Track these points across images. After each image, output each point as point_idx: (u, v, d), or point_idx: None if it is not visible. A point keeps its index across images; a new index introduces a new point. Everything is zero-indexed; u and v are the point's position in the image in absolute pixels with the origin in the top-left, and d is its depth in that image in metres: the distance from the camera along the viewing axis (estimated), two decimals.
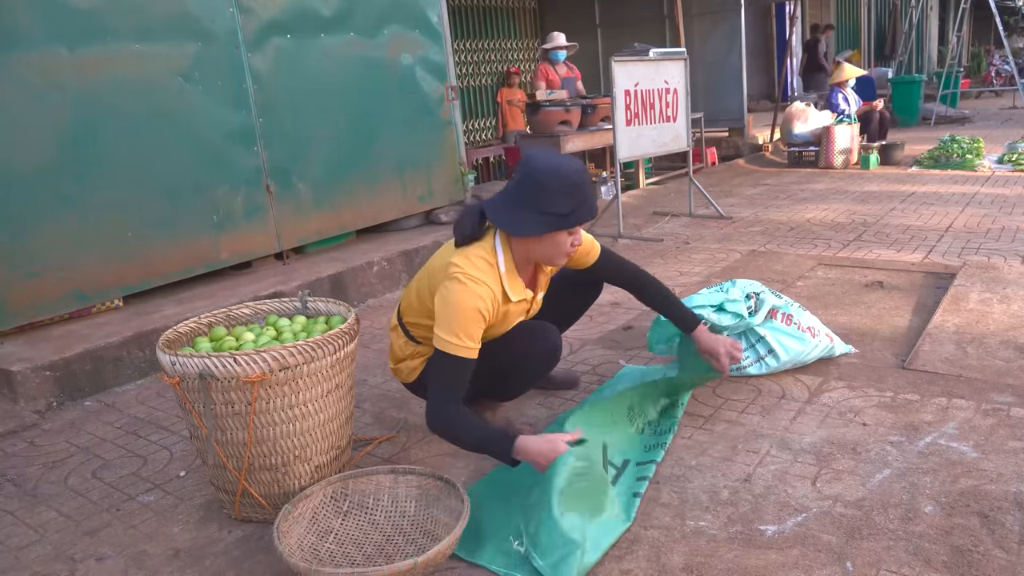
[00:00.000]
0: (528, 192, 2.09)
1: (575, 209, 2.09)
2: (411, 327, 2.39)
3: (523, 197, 2.10)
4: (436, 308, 2.10)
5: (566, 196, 2.07)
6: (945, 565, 1.75)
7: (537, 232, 2.11)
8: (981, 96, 17.50)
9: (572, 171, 2.10)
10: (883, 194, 6.55)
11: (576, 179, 2.09)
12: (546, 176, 2.07)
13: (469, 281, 2.08)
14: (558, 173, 2.07)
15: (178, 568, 2.00)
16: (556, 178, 2.07)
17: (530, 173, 2.09)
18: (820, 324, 2.98)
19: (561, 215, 2.08)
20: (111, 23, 3.61)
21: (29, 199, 3.39)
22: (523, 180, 2.11)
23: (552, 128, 6.15)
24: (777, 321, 2.87)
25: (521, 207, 2.10)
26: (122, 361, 3.38)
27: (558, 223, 2.10)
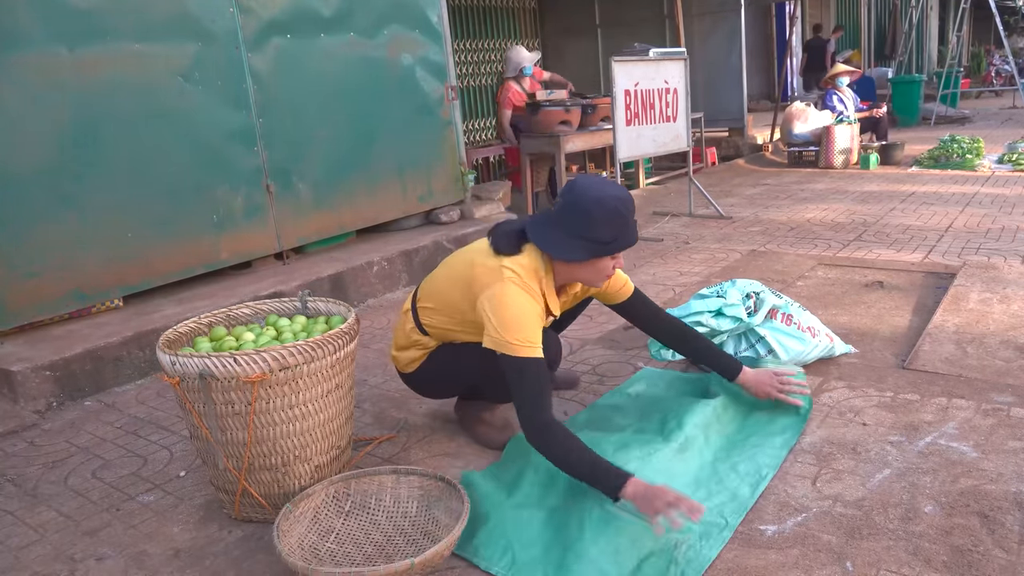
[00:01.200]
0: (573, 218, 2.12)
1: (618, 237, 2.12)
2: (423, 312, 2.38)
3: (568, 223, 2.12)
4: (490, 312, 2.07)
5: (610, 225, 2.10)
6: (945, 565, 1.75)
7: (580, 258, 2.14)
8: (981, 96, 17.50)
9: (617, 200, 2.12)
10: (883, 194, 6.55)
11: (620, 208, 2.12)
12: (592, 204, 2.10)
13: (522, 290, 2.10)
14: (603, 202, 2.10)
15: (178, 568, 2.00)
16: (601, 207, 2.09)
17: (576, 200, 2.12)
18: (820, 324, 2.98)
19: (604, 243, 2.12)
20: (111, 23, 3.61)
21: (29, 199, 3.39)
22: (568, 206, 2.13)
23: (552, 128, 6.15)
24: (777, 321, 2.87)
25: (565, 232, 2.12)
26: (122, 361, 3.38)
27: (600, 250, 2.13)
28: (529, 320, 2.07)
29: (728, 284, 3.02)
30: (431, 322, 2.36)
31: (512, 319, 2.04)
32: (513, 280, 2.10)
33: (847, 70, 8.97)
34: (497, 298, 2.08)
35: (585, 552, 1.83)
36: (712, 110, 9.27)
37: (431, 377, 2.47)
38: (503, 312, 2.05)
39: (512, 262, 2.14)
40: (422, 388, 2.57)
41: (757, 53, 13.24)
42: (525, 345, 2.03)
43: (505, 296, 2.07)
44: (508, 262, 2.14)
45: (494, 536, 1.97)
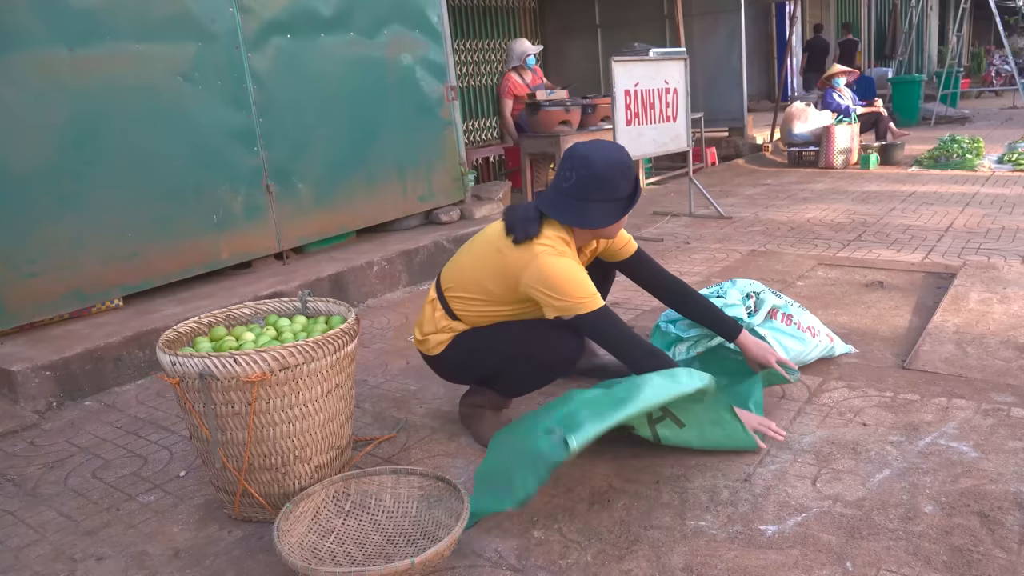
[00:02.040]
0: (595, 187, 2.25)
1: (635, 185, 2.32)
2: (454, 300, 2.43)
3: (587, 193, 2.26)
4: (542, 286, 2.20)
5: (626, 178, 2.29)
6: (945, 565, 1.75)
7: (612, 220, 2.30)
8: (981, 96, 17.51)
9: (623, 155, 2.31)
10: (883, 194, 6.55)
11: (628, 161, 2.31)
12: (607, 169, 2.25)
13: (559, 254, 2.24)
14: (615, 161, 2.27)
15: (178, 568, 2.00)
16: (616, 168, 2.27)
17: (590, 170, 2.25)
18: (820, 324, 2.98)
19: (627, 197, 2.31)
20: (111, 23, 3.61)
21: (29, 199, 3.39)
22: (584, 178, 2.25)
23: (552, 128, 6.15)
24: (777, 321, 2.87)
25: (587, 202, 2.26)
26: (122, 361, 3.38)
27: (628, 205, 2.32)
28: (580, 277, 2.22)
29: (728, 284, 3.02)
30: (465, 309, 2.41)
31: (565, 282, 2.19)
32: (548, 252, 2.23)
33: (843, 70, 8.99)
34: (543, 271, 2.20)
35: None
36: (712, 110, 9.27)
37: (455, 360, 2.48)
38: (554, 280, 2.19)
39: (542, 240, 2.26)
40: (444, 371, 2.57)
41: (757, 53, 13.25)
42: (588, 299, 2.20)
43: (549, 267, 2.20)
44: (540, 241, 2.25)
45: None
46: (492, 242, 2.35)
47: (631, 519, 2.04)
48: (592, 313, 2.20)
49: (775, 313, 2.89)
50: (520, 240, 2.26)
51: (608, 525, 2.02)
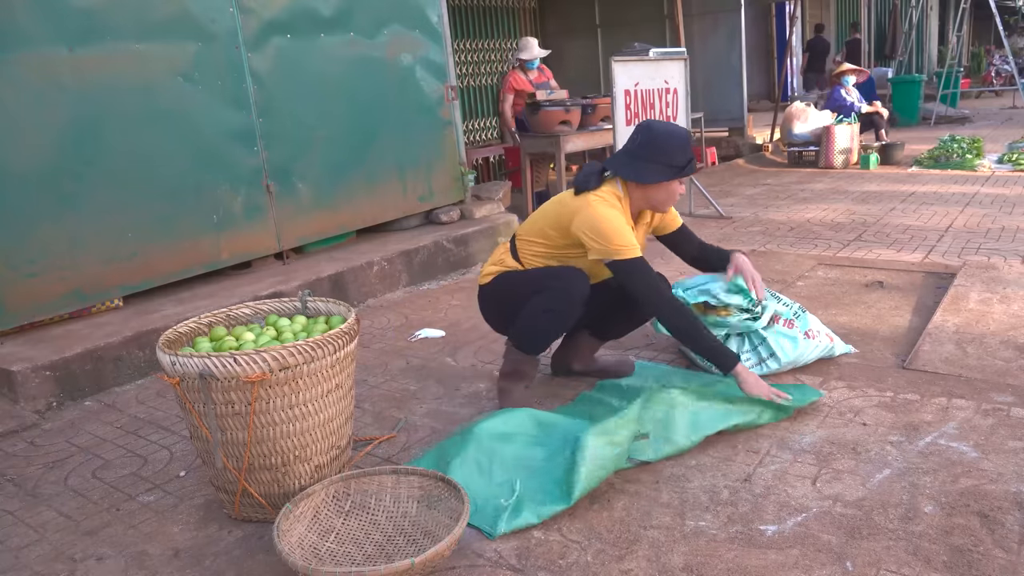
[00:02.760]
0: (653, 150, 2.54)
1: (690, 160, 2.56)
2: (522, 243, 2.72)
3: (648, 154, 2.55)
4: (587, 229, 2.48)
5: (682, 151, 2.55)
6: (945, 565, 1.75)
7: (663, 179, 2.55)
8: (981, 96, 17.50)
9: (685, 131, 2.66)
10: (883, 194, 6.55)
11: (688, 137, 2.64)
12: (667, 136, 2.56)
13: (610, 206, 2.52)
14: (676, 133, 2.59)
15: (178, 568, 2.00)
16: (676, 137, 2.56)
17: (653, 136, 2.56)
18: (820, 325, 2.98)
19: (679, 167, 2.55)
20: (111, 23, 3.61)
21: (29, 199, 3.39)
22: (646, 142, 2.56)
23: (552, 128, 6.14)
24: (779, 325, 2.87)
25: (645, 161, 2.55)
26: (122, 361, 3.38)
27: (677, 173, 2.56)
28: (622, 226, 2.49)
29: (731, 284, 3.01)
30: (527, 250, 2.69)
31: (608, 228, 2.46)
32: (600, 202, 2.52)
33: (854, 68, 9.00)
34: (590, 217, 2.49)
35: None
36: (712, 110, 9.27)
37: (495, 290, 2.75)
38: (599, 225, 2.47)
39: (596, 193, 2.55)
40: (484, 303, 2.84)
41: (757, 53, 13.24)
42: (626, 247, 2.46)
43: (597, 213, 2.49)
44: (593, 194, 2.55)
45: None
46: (560, 198, 2.68)
47: (631, 519, 2.04)
48: (626, 260, 2.46)
49: (777, 319, 2.89)
50: (580, 190, 2.57)
51: (608, 525, 2.02)
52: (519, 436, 2.38)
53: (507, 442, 2.35)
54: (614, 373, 2.95)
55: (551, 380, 3.02)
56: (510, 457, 2.28)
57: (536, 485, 2.15)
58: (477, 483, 2.18)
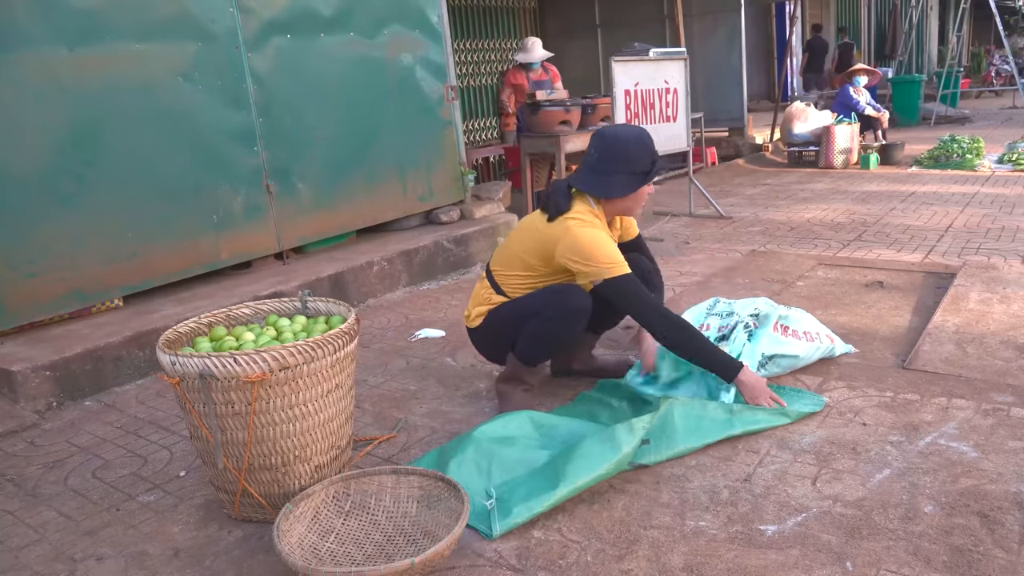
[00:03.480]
0: (611, 161, 2.51)
1: (653, 163, 2.53)
2: (499, 276, 2.68)
3: (608, 167, 2.51)
4: (572, 254, 2.44)
5: (643, 154, 2.51)
6: (945, 565, 1.75)
7: (630, 190, 2.53)
8: (981, 96, 17.51)
9: (643, 134, 2.55)
10: (883, 194, 6.55)
11: (648, 139, 2.55)
12: (624, 142, 2.51)
13: (591, 226, 2.48)
14: (631, 137, 2.52)
15: (178, 568, 2.00)
16: (636, 143, 2.51)
17: (612, 145, 2.52)
18: (820, 326, 2.97)
19: (644, 172, 2.52)
20: (111, 23, 3.61)
21: (29, 199, 3.39)
22: (606, 152, 2.52)
23: (552, 128, 6.14)
24: (778, 334, 2.84)
25: (607, 175, 2.51)
26: (122, 361, 3.38)
27: (643, 179, 2.53)
28: (607, 244, 2.46)
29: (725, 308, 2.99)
30: (509, 284, 2.66)
31: (592, 248, 2.42)
32: (578, 224, 2.47)
33: (866, 69, 9.00)
34: (573, 242, 2.44)
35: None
36: (712, 110, 9.26)
37: (489, 328, 2.71)
38: (582, 247, 2.43)
39: (572, 215, 2.50)
40: (481, 342, 2.80)
41: (757, 53, 13.25)
42: (615, 265, 2.42)
43: (579, 237, 2.44)
44: (570, 216, 2.50)
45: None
46: (532, 223, 2.64)
47: (631, 519, 2.04)
48: (617, 278, 2.41)
49: (775, 326, 2.86)
50: (553, 216, 2.53)
51: (608, 525, 2.02)
52: (519, 439, 2.38)
53: (507, 445, 2.34)
54: (613, 373, 2.95)
55: (551, 380, 3.02)
56: (510, 459, 2.28)
57: (530, 482, 2.14)
58: (476, 484, 2.18)
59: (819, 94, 12.92)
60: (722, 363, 2.47)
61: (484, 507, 2.06)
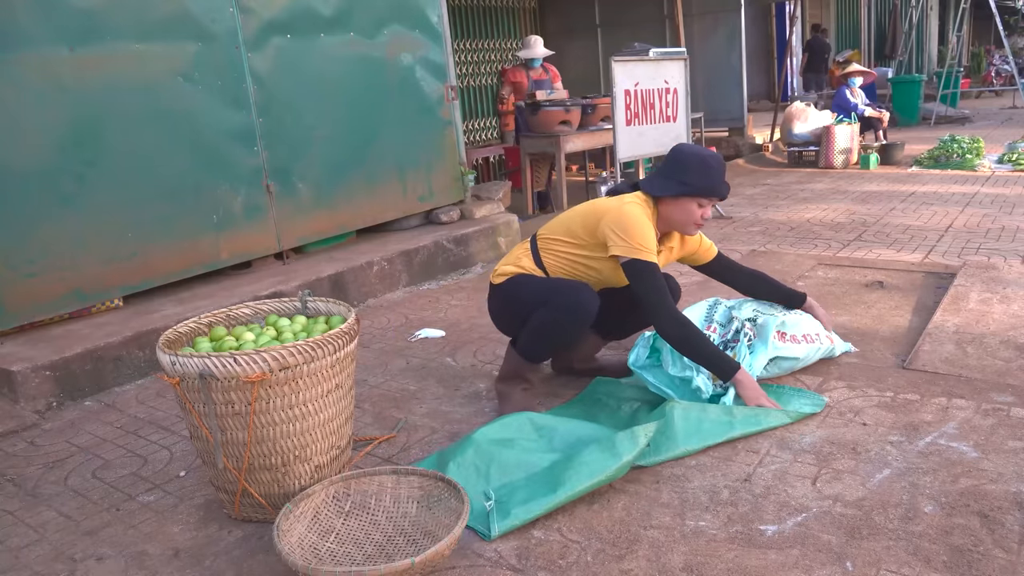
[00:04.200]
0: (671, 166, 2.63)
1: (706, 185, 2.57)
2: (542, 240, 2.73)
3: (666, 170, 2.63)
4: (614, 226, 2.50)
5: (702, 172, 2.57)
6: (945, 565, 1.75)
7: (670, 192, 2.59)
8: (981, 96, 17.51)
9: (708, 155, 2.64)
10: (883, 194, 6.55)
11: (710, 160, 2.61)
12: (687, 155, 2.62)
13: (641, 209, 2.56)
14: (699, 154, 2.63)
15: (178, 568, 2.00)
16: (694, 157, 2.61)
17: (676, 155, 2.64)
18: (819, 326, 2.96)
19: (692, 185, 2.57)
20: (111, 23, 3.61)
21: (29, 199, 3.39)
22: (670, 159, 2.65)
23: (552, 128, 6.15)
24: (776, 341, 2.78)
25: (663, 176, 2.63)
26: (122, 361, 3.38)
27: (688, 190, 2.57)
28: (648, 230, 2.52)
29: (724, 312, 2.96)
30: (548, 248, 2.70)
31: (634, 228, 2.48)
32: (631, 203, 2.56)
33: (861, 70, 9.00)
34: (619, 215, 2.52)
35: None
36: (712, 110, 9.27)
37: (506, 292, 2.73)
38: (626, 223, 2.50)
39: (631, 197, 2.62)
40: (494, 304, 2.82)
41: (757, 53, 13.25)
42: (645, 249, 2.48)
43: (627, 212, 2.52)
44: (628, 197, 2.62)
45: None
46: (594, 201, 2.73)
47: (631, 519, 2.04)
48: (642, 261, 2.47)
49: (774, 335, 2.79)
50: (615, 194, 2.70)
51: (608, 525, 2.02)
52: (518, 441, 2.38)
53: (506, 447, 2.34)
54: (614, 373, 2.95)
55: (552, 379, 3.02)
56: (509, 462, 2.27)
57: (529, 486, 2.14)
58: (475, 486, 2.18)
59: (819, 94, 12.92)
60: (721, 362, 2.50)
61: (483, 508, 2.06)
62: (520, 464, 2.27)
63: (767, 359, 2.73)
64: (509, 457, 2.29)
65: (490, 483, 2.20)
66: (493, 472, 2.24)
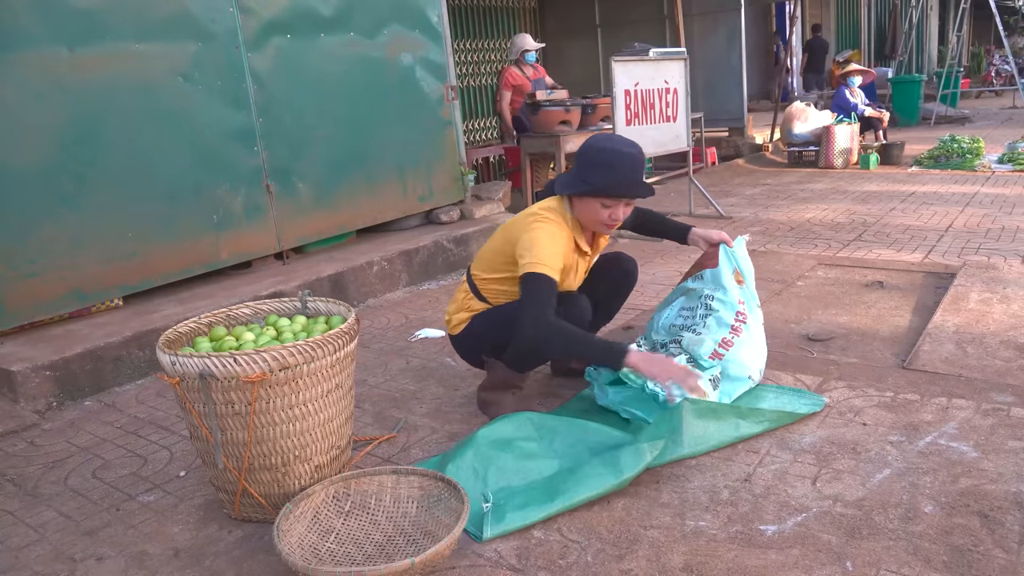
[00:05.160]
0: (578, 161, 2.47)
1: (608, 184, 2.38)
2: (477, 281, 2.66)
3: (575, 166, 2.48)
4: (521, 245, 2.40)
5: (602, 170, 2.38)
6: (945, 565, 1.75)
7: (571, 191, 2.44)
8: (981, 96, 17.51)
9: (616, 151, 2.40)
10: (883, 194, 6.55)
11: (616, 159, 2.39)
12: (593, 151, 2.43)
13: (549, 223, 2.44)
14: (603, 149, 2.41)
15: (178, 568, 2.00)
16: (600, 153, 2.41)
17: (584, 148, 2.47)
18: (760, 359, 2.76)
19: (590, 183, 2.40)
20: (111, 23, 3.61)
21: (29, 199, 3.39)
22: (579, 151, 2.49)
23: (552, 128, 6.14)
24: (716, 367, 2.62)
25: (571, 173, 2.48)
26: (122, 361, 3.38)
27: (587, 190, 2.41)
28: (550, 247, 2.37)
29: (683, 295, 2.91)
30: (487, 288, 2.63)
31: (537, 245, 2.36)
32: (541, 219, 2.45)
33: (860, 69, 9.01)
34: (527, 233, 2.41)
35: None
36: (712, 110, 9.26)
37: (473, 334, 2.68)
38: (531, 241, 2.38)
39: (539, 207, 2.51)
40: (463, 348, 2.77)
41: (757, 53, 13.25)
42: (540, 264, 2.32)
43: (533, 230, 2.41)
44: (536, 208, 2.51)
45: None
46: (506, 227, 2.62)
47: (631, 519, 2.04)
48: (535, 273, 2.31)
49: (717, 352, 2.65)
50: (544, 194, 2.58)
51: (608, 525, 2.02)
52: (518, 442, 2.36)
53: (505, 450, 2.33)
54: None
55: (551, 380, 3.02)
56: (508, 466, 2.27)
57: (527, 492, 2.13)
58: (473, 488, 2.17)
59: (819, 94, 12.93)
60: (606, 352, 2.31)
61: (479, 510, 2.06)
62: (519, 469, 2.26)
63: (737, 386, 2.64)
64: (508, 460, 2.29)
65: (488, 486, 2.19)
66: (491, 475, 2.24)
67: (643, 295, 4.03)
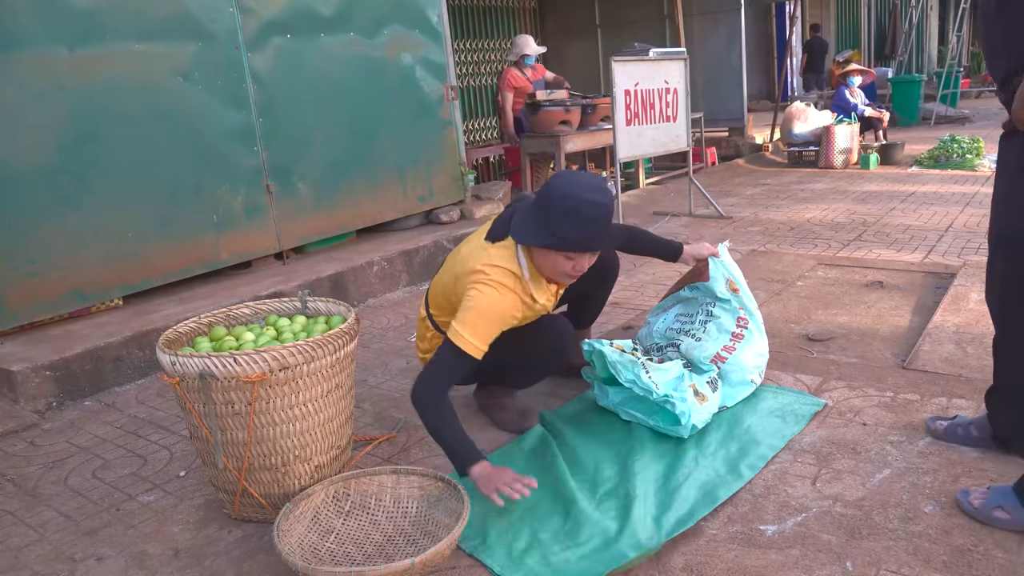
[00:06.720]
0: (541, 205, 2.17)
1: (576, 238, 2.13)
2: (439, 322, 2.50)
3: (537, 209, 2.18)
4: (463, 304, 2.17)
5: (571, 222, 2.11)
6: (945, 565, 1.75)
7: (534, 243, 2.18)
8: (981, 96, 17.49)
9: (587, 201, 2.10)
10: (883, 194, 6.55)
11: (585, 210, 2.10)
12: (560, 198, 2.12)
13: (496, 291, 2.17)
14: (572, 197, 2.11)
15: (178, 568, 2.00)
16: (568, 201, 2.11)
17: (549, 189, 2.16)
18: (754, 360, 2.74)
19: (558, 236, 2.13)
20: (111, 23, 3.61)
21: (29, 199, 3.39)
22: (542, 193, 2.18)
23: (552, 128, 6.15)
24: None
25: (534, 219, 2.18)
26: (122, 361, 3.38)
27: (554, 243, 2.15)
28: (485, 321, 2.14)
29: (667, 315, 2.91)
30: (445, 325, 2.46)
31: (469, 315, 2.13)
32: (487, 283, 2.18)
33: (860, 69, 9.01)
34: (470, 295, 2.17)
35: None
36: (712, 110, 9.27)
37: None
38: (468, 308, 2.14)
39: (490, 263, 2.21)
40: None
41: (757, 53, 13.25)
42: (467, 339, 2.11)
43: (477, 297, 2.16)
44: (485, 264, 2.21)
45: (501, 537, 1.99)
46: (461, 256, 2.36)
47: None
48: (456, 347, 2.11)
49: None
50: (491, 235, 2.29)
51: None
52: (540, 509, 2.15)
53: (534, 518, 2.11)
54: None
55: (551, 380, 3.01)
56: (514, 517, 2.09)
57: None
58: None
59: (819, 94, 12.92)
60: (461, 451, 2.08)
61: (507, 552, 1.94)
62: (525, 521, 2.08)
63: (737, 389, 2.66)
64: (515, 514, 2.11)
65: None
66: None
67: (643, 295, 4.03)
